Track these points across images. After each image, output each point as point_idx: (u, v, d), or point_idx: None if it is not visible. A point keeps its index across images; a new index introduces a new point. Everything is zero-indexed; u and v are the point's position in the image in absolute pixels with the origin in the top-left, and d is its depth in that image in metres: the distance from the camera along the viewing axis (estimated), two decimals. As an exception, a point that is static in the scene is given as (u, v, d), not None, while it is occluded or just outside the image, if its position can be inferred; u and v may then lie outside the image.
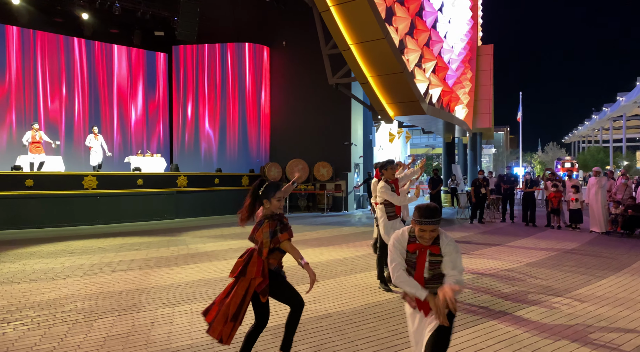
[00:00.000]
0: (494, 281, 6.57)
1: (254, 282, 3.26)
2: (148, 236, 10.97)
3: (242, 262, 3.32)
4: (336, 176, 18.57)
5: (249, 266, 3.28)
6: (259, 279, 3.25)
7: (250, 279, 3.25)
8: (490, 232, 12.17)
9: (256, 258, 3.30)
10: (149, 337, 4.26)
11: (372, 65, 13.45)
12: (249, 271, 3.26)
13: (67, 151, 17.24)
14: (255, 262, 3.28)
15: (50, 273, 6.81)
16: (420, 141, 55.15)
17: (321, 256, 8.54)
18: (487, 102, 22.71)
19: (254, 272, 3.25)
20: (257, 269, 3.25)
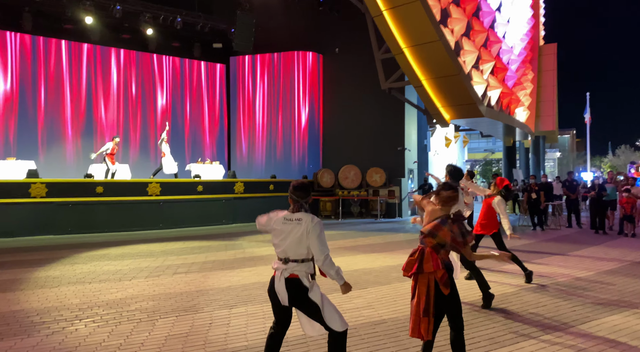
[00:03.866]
0: (558, 292, 6.21)
1: (432, 276, 3.37)
2: (207, 240, 11.36)
3: (416, 260, 3.45)
4: (389, 181, 18.36)
5: (424, 263, 3.40)
6: (440, 272, 3.35)
7: (428, 274, 3.38)
8: (554, 239, 11.52)
9: (429, 254, 3.41)
10: (207, 338, 4.40)
11: (426, 68, 13.23)
12: (425, 267, 3.39)
13: (134, 160, 18.25)
14: (430, 257, 3.39)
15: (117, 274, 7.22)
16: (479, 145, 53.37)
17: (374, 262, 8.46)
18: (550, 104, 21.64)
19: (432, 266, 3.36)
20: (434, 263, 3.36)
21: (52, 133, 17.23)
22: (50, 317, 4.99)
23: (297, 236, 3.15)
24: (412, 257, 3.51)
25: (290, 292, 3.17)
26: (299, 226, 3.16)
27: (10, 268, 7.70)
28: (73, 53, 17.63)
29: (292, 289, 3.16)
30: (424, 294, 3.36)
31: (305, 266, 3.19)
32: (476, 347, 4.15)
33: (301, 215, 3.22)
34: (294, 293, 3.16)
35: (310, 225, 3.15)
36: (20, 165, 13.41)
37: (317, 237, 3.14)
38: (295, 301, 3.19)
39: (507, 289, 6.36)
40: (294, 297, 3.17)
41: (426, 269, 3.37)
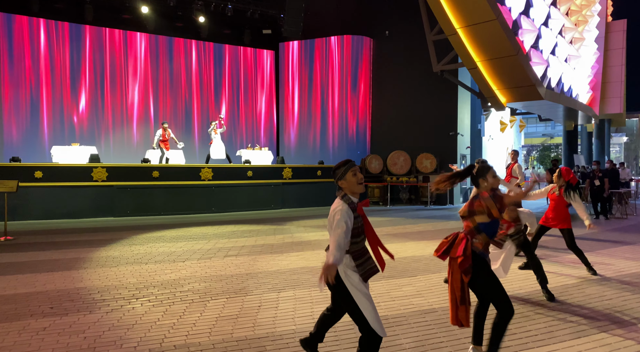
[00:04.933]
0: (625, 285, 5.80)
1: (457, 263, 3.28)
2: (256, 224, 11.56)
3: (447, 242, 3.41)
4: (440, 167, 17.86)
5: (454, 247, 3.35)
6: (460, 258, 3.26)
7: (454, 259, 3.32)
8: (620, 229, 10.81)
9: (460, 238, 3.34)
10: (255, 320, 4.46)
11: (481, 49, 12.65)
12: (452, 251, 3.33)
13: (187, 145, 18.82)
14: (460, 242, 3.32)
15: (172, 256, 7.48)
16: (537, 130, 50.93)
17: (424, 249, 8.28)
18: (617, 85, 20.19)
19: (457, 251, 3.28)
20: (460, 247, 3.28)
21: (115, 119, 18.08)
22: (109, 295, 5.25)
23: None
24: (445, 239, 3.45)
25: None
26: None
27: (75, 247, 8.17)
28: (129, 42, 18.30)
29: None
30: (458, 281, 3.28)
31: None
32: (533, 341, 3.95)
33: (336, 200, 3.04)
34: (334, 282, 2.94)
35: (331, 213, 2.96)
36: (83, 150, 14.17)
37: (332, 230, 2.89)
38: (335, 291, 3.03)
39: (567, 280, 6.02)
40: (333, 286, 2.98)
41: (452, 254, 3.31)
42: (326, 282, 2.78)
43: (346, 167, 3.04)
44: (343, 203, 2.97)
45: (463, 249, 3.26)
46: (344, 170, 3.04)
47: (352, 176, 3.02)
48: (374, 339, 2.91)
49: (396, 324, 4.37)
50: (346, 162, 3.08)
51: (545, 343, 3.91)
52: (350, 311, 2.96)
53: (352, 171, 3.03)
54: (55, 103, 16.99)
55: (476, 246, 3.31)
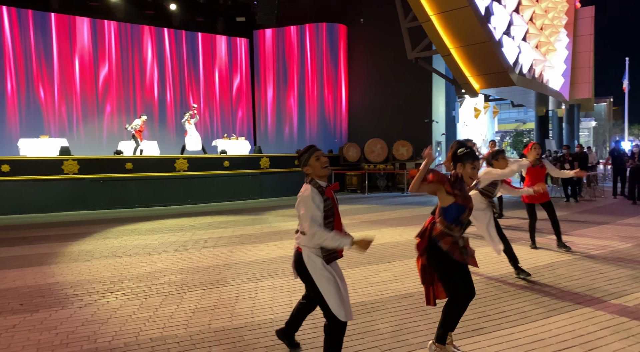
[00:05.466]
0: (595, 264, 5.99)
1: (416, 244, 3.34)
2: (234, 215, 11.48)
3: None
4: (416, 155, 18.02)
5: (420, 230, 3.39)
6: (418, 239, 3.32)
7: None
8: (589, 211, 11.14)
9: (429, 221, 3.38)
10: (233, 310, 4.43)
11: (454, 36, 12.74)
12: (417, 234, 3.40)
13: (161, 136, 18.48)
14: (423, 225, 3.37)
15: (147, 248, 7.37)
16: (510, 116, 51.88)
17: (401, 235, 8.37)
18: (586, 71, 20.66)
19: (418, 233, 3.36)
20: (420, 231, 3.35)
21: (86, 111, 17.57)
22: (83, 290, 5.14)
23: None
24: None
25: (296, 266, 3.05)
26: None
27: (46, 242, 7.96)
28: (98, 30, 17.75)
29: (298, 263, 3.04)
30: (419, 262, 3.39)
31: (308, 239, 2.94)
32: (506, 322, 4.04)
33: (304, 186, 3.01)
34: (298, 267, 3.02)
35: (299, 198, 2.95)
36: (53, 142, 13.76)
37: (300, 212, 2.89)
38: (301, 276, 3.04)
39: (539, 262, 6.18)
40: (298, 271, 3.03)
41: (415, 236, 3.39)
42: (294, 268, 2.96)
43: (309, 153, 3.03)
44: (311, 187, 2.95)
45: (421, 231, 3.34)
46: (307, 156, 3.02)
47: (315, 160, 3.00)
48: (337, 325, 2.88)
49: (374, 310, 4.41)
50: (308, 148, 3.05)
51: (517, 323, 4.01)
52: (313, 295, 2.97)
53: (315, 156, 3.00)
54: (21, 94, 16.41)
55: (434, 229, 3.30)
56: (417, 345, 3.59)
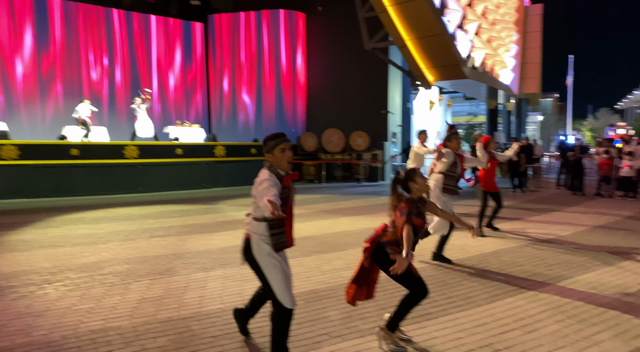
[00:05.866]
0: (537, 251, 6.27)
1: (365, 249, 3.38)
2: (187, 204, 11.19)
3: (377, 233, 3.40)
4: (373, 145, 18.21)
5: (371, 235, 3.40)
6: (367, 244, 3.35)
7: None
8: (534, 201, 11.66)
9: (381, 228, 3.40)
10: (181, 301, 4.31)
11: (410, 28, 12.89)
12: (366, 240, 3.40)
13: (110, 121, 17.70)
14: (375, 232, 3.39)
15: (92, 238, 7.05)
16: (462, 109, 53.23)
17: (355, 224, 8.43)
18: (534, 66, 21.51)
19: (369, 239, 3.36)
20: (371, 237, 3.37)
21: (27, 94, 16.53)
22: (18, 281, 4.84)
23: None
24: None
25: (245, 252, 3.03)
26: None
27: (-20, 233, 7.46)
28: (42, 9, 16.68)
29: (246, 249, 3.02)
30: (360, 263, 3.39)
31: (259, 226, 2.93)
32: (452, 307, 4.15)
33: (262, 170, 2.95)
34: (247, 254, 3.01)
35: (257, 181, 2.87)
36: (-10, 127, 12.88)
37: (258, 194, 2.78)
38: (249, 263, 3.01)
39: (485, 249, 6.39)
40: (247, 258, 3.02)
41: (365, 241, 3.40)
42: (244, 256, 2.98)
43: (277, 141, 2.93)
44: (270, 173, 2.89)
45: (372, 238, 3.36)
46: (274, 144, 2.92)
47: (280, 152, 2.92)
48: (283, 312, 2.88)
49: (325, 297, 4.41)
50: (277, 136, 2.95)
51: (463, 308, 4.12)
52: (261, 280, 2.96)
53: (281, 148, 2.92)
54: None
55: (385, 236, 3.34)
56: (366, 331, 3.62)
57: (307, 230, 7.79)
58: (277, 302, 2.88)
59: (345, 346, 3.36)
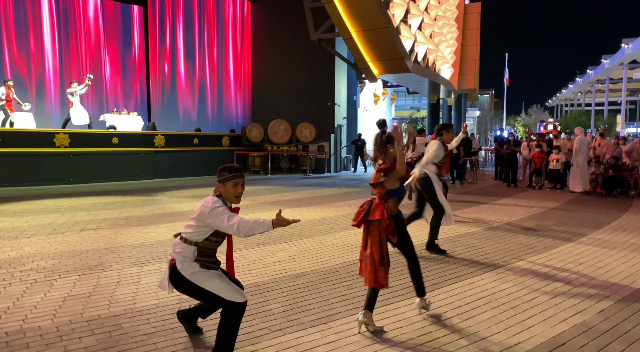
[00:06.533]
0: (474, 240, 6.49)
1: (381, 225, 3.44)
2: (123, 196, 10.65)
3: (363, 210, 3.52)
4: (319, 137, 18.21)
5: (371, 212, 3.47)
6: (385, 221, 3.43)
7: (378, 223, 3.44)
8: (471, 192, 12.13)
9: (376, 204, 3.49)
10: (112, 297, 4.04)
11: (355, 20, 12.92)
12: (371, 216, 3.45)
13: (38, 108, 16.47)
14: (376, 207, 3.46)
15: (14, 232, 6.50)
16: (405, 103, 54.74)
17: (300, 215, 8.37)
18: (472, 63, 22.35)
19: (377, 215, 3.42)
20: (379, 212, 3.42)
21: None
22: None
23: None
24: (361, 208, 3.57)
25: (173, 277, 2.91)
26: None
27: None
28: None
29: (174, 274, 2.90)
30: (377, 244, 3.43)
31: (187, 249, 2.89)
32: (393, 296, 4.18)
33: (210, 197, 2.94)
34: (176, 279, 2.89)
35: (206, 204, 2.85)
36: None
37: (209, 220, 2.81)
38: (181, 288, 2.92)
39: (424, 239, 6.51)
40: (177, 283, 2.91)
41: (371, 217, 3.45)
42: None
43: (232, 175, 2.89)
44: (220, 200, 2.88)
45: (385, 213, 3.43)
46: (230, 177, 2.89)
47: (232, 186, 2.90)
48: (238, 308, 2.84)
49: (267, 290, 4.30)
50: (235, 170, 2.92)
51: (404, 298, 4.16)
52: (202, 299, 2.91)
53: (235, 182, 2.90)
54: None
55: (391, 209, 3.53)
56: (308, 323, 3.55)
57: (250, 222, 7.62)
58: (229, 303, 2.82)
59: (286, 339, 3.28)
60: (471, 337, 3.35)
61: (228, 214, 2.78)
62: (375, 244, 3.43)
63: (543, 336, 3.37)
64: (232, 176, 2.89)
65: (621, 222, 7.93)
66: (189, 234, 2.89)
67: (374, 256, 3.40)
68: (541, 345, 3.21)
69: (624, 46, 37.27)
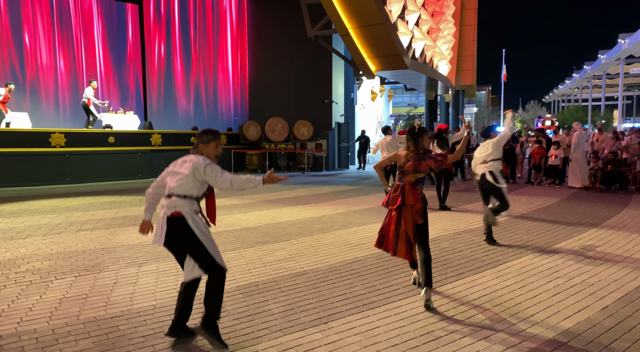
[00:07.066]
0: (475, 237, 6.44)
1: (414, 208, 3.91)
2: (120, 195, 10.57)
3: (399, 195, 3.95)
4: (317, 135, 18.14)
5: (406, 197, 3.91)
6: (419, 205, 3.91)
7: (411, 206, 3.91)
8: (471, 189, 12.08)
9: (409, 189, 3.94)
10: (109, 298, 3.98)
11: (352, 16, 12.84)
12: (407, 200, 3.90)
13: (32, 108, 16.35)
14: (410, 192, 3.92)
15: (9, 233, 6.42)
16: (403, 100, 54.67)
17: (299, 214, 8.31)
18: (470, 59, 22.29)
19: (412, 200, 3.90)
20: (414, 197, 3.91)
21: None
22: None
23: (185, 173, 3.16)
24: (395, 193, 3.99)
25: (176, 229, 3.08)
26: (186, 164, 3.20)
27: None
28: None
29: (179, 226, 3.07)
30: (410, 224, 3.90)
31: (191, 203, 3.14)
32: (395, 295, 4.12)
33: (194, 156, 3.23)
34: (180, 230, 3.08)
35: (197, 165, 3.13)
36: None
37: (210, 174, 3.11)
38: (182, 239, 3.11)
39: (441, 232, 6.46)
40: (181, 234, 3.09)
41: (408, 202, 3.90)
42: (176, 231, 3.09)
43: (214, 137, 3.26)
44: (205, 158, 3.18)
45: (417, 198, 3.91)
46: (212, 138, 3.25)
47: (214, 147, 3.26)
48: (222, 275, 3.11)
49: (266, 290, 4.24)
50: (215, 132, 3.30)
51: (406, 296, 4.11)
52: (196, 252, 3.09)
53: (216, 143, 3.27)
54: None
55: (421, 193, 3.98)
56: (308, 323, 3.50)
57: (249, 221, 7.57)
58: (217, 266, 3.08)
59: (286, 340, 3.22)
60: (474, 335, 3.30)
61: (221, 170, 3.12)
62: (409, 224, 3.90)
63: (547, 333, 3.32)
64: (214, 137, 3.24)
65: (621, 217, 7.90)
66: (189, 190, 3.12)
67: (408, 234, 3.90)
68: (545, 343, 3.17)
69: (620, 41, 37.22)
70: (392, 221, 3.97)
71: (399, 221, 3.93)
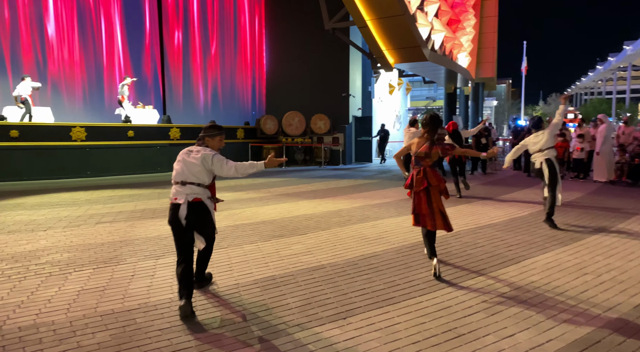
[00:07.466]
0: (496, 232, 6.27)
1: (440, 187, 4.43)
2: (138, 189, 10.65)
3: (422, 177, 4.42)
4: (334, 128, 18.01)
5: (429, 178, 4.41)
6: (443, 184, 4.45)
7: (436, 185, 4.41)
8: (491, 183, 11.84)
9: (430, 171, 4.44)
10: (126, 291, 3.97)
11: (370, 7, 12.64)
12: (432, 182, 4.40)
13: (55, 101, 16.59)
14: (432, 174, 4.43)
15: (30, 225, 6.50)
16: (421, 93, 53.97)
17: (316, 207, 8.24)
18: (490, 51, 21.83)
19: (436, 180, 4.41)
20: (436, 178, 4.43)
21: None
22: (-60, 274, 4.33)
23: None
24: (419, 176, 4.43)
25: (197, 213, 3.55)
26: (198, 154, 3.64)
27: None
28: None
29: (199, 209, 3.56)
30: (439, 201, 4.45)
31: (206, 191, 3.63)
32: (415, 290, 4.02)
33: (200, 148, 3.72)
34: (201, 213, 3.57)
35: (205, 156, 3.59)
36: None
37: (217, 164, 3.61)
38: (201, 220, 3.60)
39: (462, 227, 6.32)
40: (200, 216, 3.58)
41: (432, 183, 4.39)
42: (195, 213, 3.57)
43: (220, 132, 3.77)
44: (210, 149, 3.69)
45: (440, 178, 4.43)
46: (218, 133, 3.76)
47: (218, 140, 3.77)
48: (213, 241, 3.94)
49: (283, 284, 4.18)
50: (220, 128, 3.80)
51: (426, 292, 4.00)
52: (208, 229, 3.66)
53: (220, 137, 3.78)
54: None
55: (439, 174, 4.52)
56: (326, 318, 3.42)
57: (266, 214, 7.53)
58: (214, 234, 3.83)
59: (304, 335, 3.15)
60: (498, 333, 3.18)
61: (225, 159, 3.64)
62: (438, 201, 4.43)
63: (576, 332, 3.19)
64: (219, 132, 3.75)
65: (650, 212, 7.62)
66: (203, 179, 3.59)
67: (442, 210, 4.42)
68: (574, 342, 3.04)
69: (647, 31, 35.99)
70: (423, 201, 4.43)
71: (430, 200, 4.41)
